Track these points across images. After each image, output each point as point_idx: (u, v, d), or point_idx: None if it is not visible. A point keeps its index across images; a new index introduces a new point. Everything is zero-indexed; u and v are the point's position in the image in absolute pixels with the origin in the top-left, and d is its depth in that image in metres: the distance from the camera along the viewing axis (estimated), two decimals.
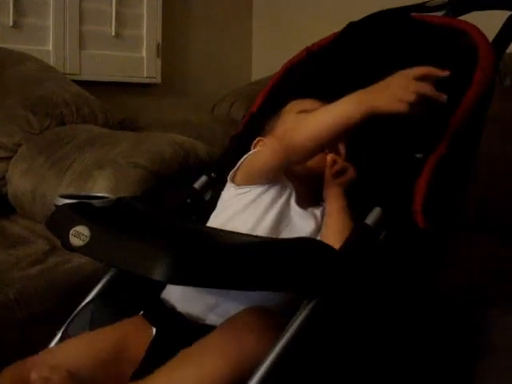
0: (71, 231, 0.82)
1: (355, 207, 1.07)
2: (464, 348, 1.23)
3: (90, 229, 0.81)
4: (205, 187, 1.25)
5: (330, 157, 1.11)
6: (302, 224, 1.09)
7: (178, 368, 0.89)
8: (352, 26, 1.28)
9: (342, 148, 1.14)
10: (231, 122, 2.30)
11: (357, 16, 1.31)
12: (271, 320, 0.90)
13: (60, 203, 0.99)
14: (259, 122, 1.25)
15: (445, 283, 1.25)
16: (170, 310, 1.03)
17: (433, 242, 1.07)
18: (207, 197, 1.24)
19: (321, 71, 1.29)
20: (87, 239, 0.80)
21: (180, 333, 0.98)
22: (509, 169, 1.69)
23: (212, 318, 0.99)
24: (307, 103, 1.19)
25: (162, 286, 1.08)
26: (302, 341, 0.85)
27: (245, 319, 0.90)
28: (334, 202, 1.09)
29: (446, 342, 1.23)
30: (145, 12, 2.57)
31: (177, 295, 1.05)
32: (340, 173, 1.10)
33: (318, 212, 1.13)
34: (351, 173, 1.11)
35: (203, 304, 1.01)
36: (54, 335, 1.09)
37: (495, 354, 1.19)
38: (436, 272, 1.17)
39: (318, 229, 1.11)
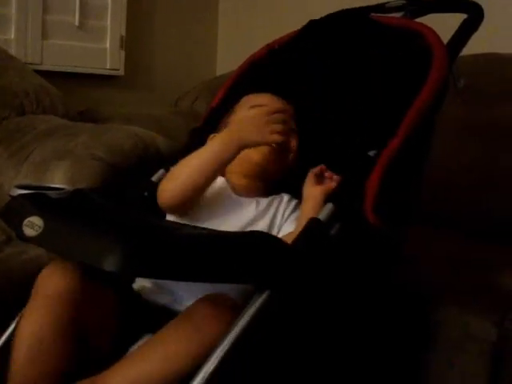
0: (25, 221, 0.82)
1: None
2: (411, 340, 1.26)
3: (44, 219, 0.81)
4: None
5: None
6: (240, 211, 1.12)
7: (142, 361, 0.90)
8: (312, 24, 1.30)
9: (293, 143, 1.16)
10: (194, 115, 2.30)
11: (320, 14, 1.33)
12: (228, 307, 0.91)
13: (15, 193, 0.98)
14: (219, 116, 1.26)
15: (398, 277, 1.28)
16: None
17: (385, 237, 1.10)
18: None
19: (280, 68, 1.31)
20: (40, 230, 0.80)
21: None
22: (467, 166, 1.74)
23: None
24: (260, 98, 1.21)
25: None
26: (253, 332, 0.86)
27: (202, 311, 0.91)
28: (310, 205, 1.06)
29: (394, 334, 1.26)
30: (109, 3, 2.54)
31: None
32: (320, 176, 1.09)
33: (262, 200, 1.15)
34: (334, 184, 1.08)
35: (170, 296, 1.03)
36: (8, 326, 1.09)
37: (438, 347, 1.22)
38: (389, 266, 1.20)
39: (260, 216, 1.12)
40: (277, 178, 1.17)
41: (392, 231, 1.09)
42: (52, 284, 0.96)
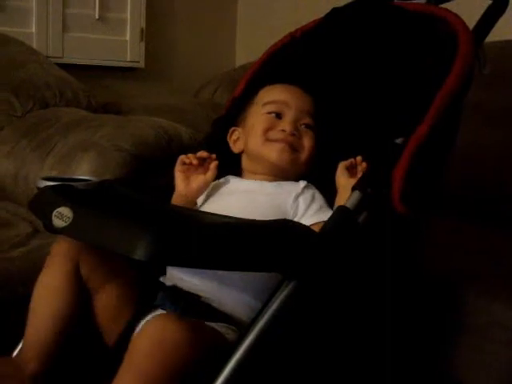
0: (54, 212, 0.83)
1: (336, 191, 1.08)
2: (439, 328, 1.25)
3: (73, 210, 0.81)
4: None
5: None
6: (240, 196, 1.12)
7: None
8: (335, 11, 1.29)
9: (306, 142, 1.15)
10: (215, 106, 2.30)
11: (342, 2, 1.32)
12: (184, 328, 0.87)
13: (42, 185, 0.99)
14: (241, 106, 1.26)
15: (427, 264, 1.28)
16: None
17: (412, 225, 1.09)
18: None
19: (303, 56, 1.30)
20: (70, 220, 0.81)
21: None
22: (493, 156, 1.72)
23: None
24: (275, 92, 1.19)
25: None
26: (281, 322, 0.86)
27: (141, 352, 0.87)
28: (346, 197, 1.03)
29: (422, 322, 1.26)
30: None
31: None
32: (352, 168, 1.08)
33: (267, 184, 1.13)
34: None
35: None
36: None
37: (466, 335, 1.21)
38: (417, 254, 1.19)
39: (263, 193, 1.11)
40: (294, 177, 1.15)
41: (417, 218, 1.08)
42: (64, 242, 1.01)
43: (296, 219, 1.06)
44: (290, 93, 1.18)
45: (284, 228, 0.86)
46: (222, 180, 1.19)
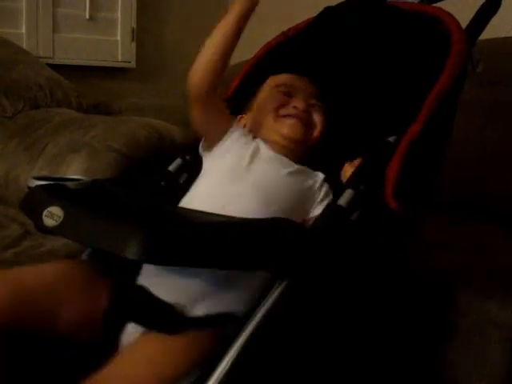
0: (44, 212, 0.82)
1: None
2: (433, 327, 1.25)
3: (64, 209, 0.80)
4: (179, 170, 1.24)
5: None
6: (264, 166, 1.10)
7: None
8: (328, 10, 1.29)
9: (317, 118, 1.16)
10: None
11: (334, 1, 1.32)
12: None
13: (33, 185, 0.98)
14: (234, 105, 1.25)
15: (421, 263, 1.28)
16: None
17: (406, 222, 1.09)
18: (182, 180, 1.24)
19: (296, 55, 1.30)
20: (60, 219, 0.80)
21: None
22: (490, 153, 1.72)
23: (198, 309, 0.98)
24: (284, 78, 1.21)
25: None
26: (274, 321, 0.86)
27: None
28: None
29: (416, 321, 1.25)
30: None
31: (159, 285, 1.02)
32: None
33: (293, 164, 1.13)
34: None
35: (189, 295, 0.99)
36: None
37: (460, 333, 1.21)
38: (410, 251, 1.19)
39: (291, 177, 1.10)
40: (303, 153, 1.15)
41: (412, 216, 1.08)
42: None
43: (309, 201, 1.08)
44: (299, 79, 1.20)
45: (276, 227, 0.85)
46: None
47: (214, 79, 1.09)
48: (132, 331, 0.95)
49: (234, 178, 1.07)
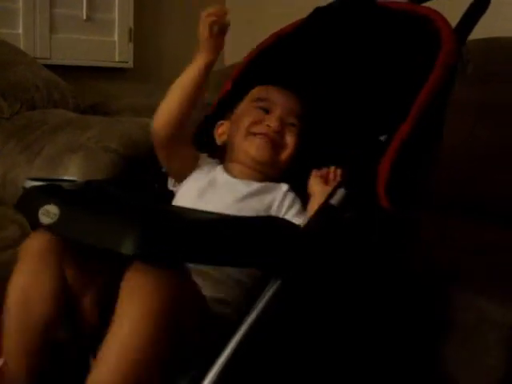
0: (40, 210, 0.84)
1: None
2: (428, 326, 1.26)
3: (59, 207, 0.82)
4: None
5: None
6: (225, 191, 1.11)
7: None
8: (318, 11, 1.30)
9: (289, 139, 1.16)
10: (204, 106, 2.30)
11: (327, 1, 1.33)
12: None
13: (29, 185, 0.99)
14: (227, 106, 1.27)
15: (415, 261, 1.29)
16: None
17: (398, 221, 1.10)
18: None
19: (288, 56, 1.31)
20: (56, 217, 0.81)
21: None
22: (485, 153, 1.73)
23: None
24: (266, 91, 1.21)
25: None
26: (268, 319, 0.87)
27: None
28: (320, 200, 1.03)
29: (410, 320, 1.26)
30: None
31: None
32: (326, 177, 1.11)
33: (255, 183, 1.13)
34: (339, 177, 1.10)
35: None
36: None
37: (455, 332, 1.22)
38: (408, 251, 1.20)
39: (253, 196, 1.11)
40: (273, 174, 1.16)
41: (405, 215, 1.09)
42: (37, 243, 0.95)
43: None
44: (280, 93, 1.20)
45: (269, 224, 0.87)
46: (213, 161, 1.20)
47: (176, 127, 1.11)
48: None
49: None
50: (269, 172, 1.15)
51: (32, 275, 0.94)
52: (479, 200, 1.69)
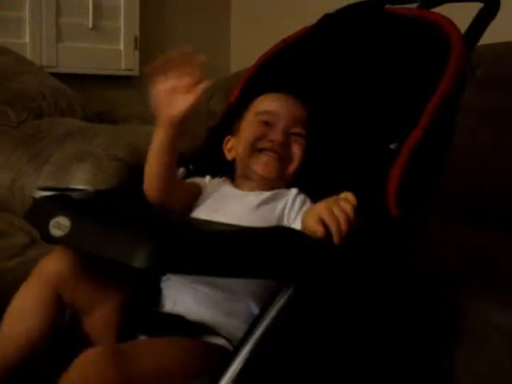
0: (51, 222, 0.83)
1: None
2: (435, 330, 1.25)
3: (70, 219, 0.82)
4: (183, 179, 1.25)
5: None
6: (236, 204, 1.11)
7: None
8: (327, 17, 1.30)
9: (295, 151, 1.14)
10: (210, 113, 2.30)
11: (335, 8, 1.33)
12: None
13: (38, 196, 0.99)
14: (235, 114, 1.26)
15: (423, 267, 1.28)
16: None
17: (410, 227, 1.09)
18: None
19: (296, 63, 1.30)
20: (67, 230, 0.81)
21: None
22: (489, 156, 1.72)
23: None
24: (268, 102, 1.18)
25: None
26: (279, 327, 0.87)
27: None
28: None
29: (418, 324, 1.26)
30: (122, 4, 2.56)
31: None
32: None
33: (265, 192, 1.12)
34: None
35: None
36: None
37: (462, 337, 1.22)
38: (413, 256, 1.19)
39: (264, 205, 1.10)
40: (282, 185, 1.15)
41: (414, 219, 1.09)
42: (47, 266, 1.01)
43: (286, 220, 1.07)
44: (282, 102, 1.17)
45: (280, 234, 0.86)
46: (218, 180, 1.19)
47: (165, 186, 1.09)
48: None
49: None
50: (278, 184, 1.14)
51: (32, 287, 1.01)
52: (486, 203, 1.69)
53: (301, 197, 1.11)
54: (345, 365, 1.08)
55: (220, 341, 0.98)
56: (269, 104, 1.17)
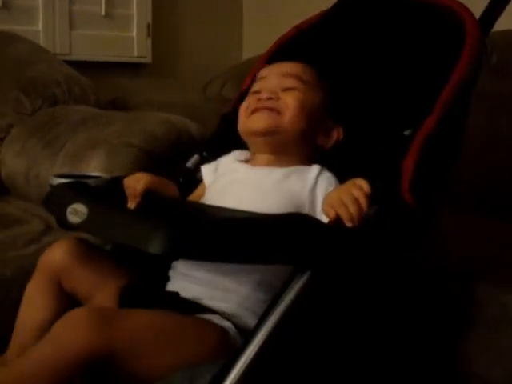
0: (68, 209, 0.84)
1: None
2: (449, 319, 1.25)
3: (88, 206, 0.83)
4: (197, 166, 1.26)
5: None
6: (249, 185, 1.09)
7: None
8: (342, 3, 1.29)
9: (287, 101, 1.10)
10: (223, 101, 2.31)
11: None
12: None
13: (55, 183, 1.00)
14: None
15: (439, 256, 1.28)
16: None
17: (422, 216, 1.09)
18: (200, 176, 1.26)
19: (310, 49, 1.30)
20: (85, 216, 0.82)
21: None
22: (507, 145, 1.71)
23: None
24: (260, 73, 1.18)
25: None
26: (295, 313, 0.87)
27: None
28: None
29: (432, 313, 1.26)
30: None
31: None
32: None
33: (276, 170, 1.09)
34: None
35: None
36: None
37: (477, 327, 1.22)
38: (427, 244, 1.19)
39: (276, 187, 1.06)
40: (291, 144, 1.10)
41: (429, 210, 1.09)
42: (46, 257, 1.05)
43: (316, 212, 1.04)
44: (273, 66, 1.18)
45: (295, 220, 0.87)
46: (230, 159, 1.18)
47: None
48: None
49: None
50: (283, 143, 1.10)
51: (36, 290, 1.05)
52: (501, 193, 1.68)
53: (323, 179, 1.07)
54: (360, 351, 1.09)
55: (222, 322, 0.98)
56: (261, 73, 1.18)
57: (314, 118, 1.11)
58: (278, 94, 1.10)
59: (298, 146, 1.12)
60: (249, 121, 1.12)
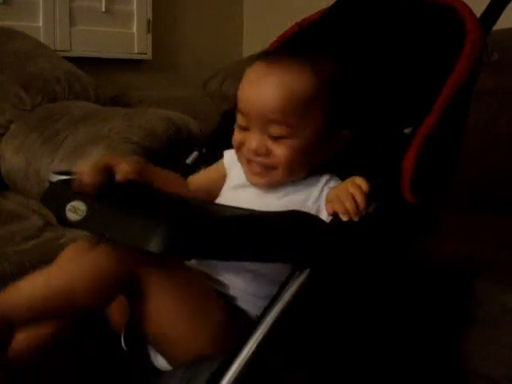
0: (67, 206, 0.84)
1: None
2: (451, 317, 1.26)
3: (86, 203, 0.82)
4: (197, 163, 1.26)
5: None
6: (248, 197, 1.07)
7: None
8: (342, 0, 1.29)
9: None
10: (223, 97, 2.31)
11: None
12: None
13: (54, 179, 1.00)
14: None
15: (439, 253, 1.28)
16: None
17: (422, 214, 1.09)
18: (199, 172, 1.25)
19: (310, 46, 1.30)
20: (84, 214, 0.82)
21: None
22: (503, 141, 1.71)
23: None
24: (242, 94, 1.03)
25: None
26: (293, 311, 0.87)
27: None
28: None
29: (434, 311, 1.26)
30: None
31: None
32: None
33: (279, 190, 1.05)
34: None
35: None
36: None
37: (477, 324, 1.22)
38: (427, 241, 1.19)
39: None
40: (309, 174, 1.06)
41: (429, 208, 1.09)
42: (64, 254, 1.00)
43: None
44: (253, 96, 1.00)
45: (294, 218, 0.87)
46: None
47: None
48: None
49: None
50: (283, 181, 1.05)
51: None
52: (501, 193, 1.68)
53: (332, 182, 1.04)
54: (360, 349, 1.09)
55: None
56: (242, 97, 1.02)
57: (316, 147, 1.02)
58: (267, 145, 1.00)
59: (302, 172, 1.05)
60: (246, 169, 1.05)
